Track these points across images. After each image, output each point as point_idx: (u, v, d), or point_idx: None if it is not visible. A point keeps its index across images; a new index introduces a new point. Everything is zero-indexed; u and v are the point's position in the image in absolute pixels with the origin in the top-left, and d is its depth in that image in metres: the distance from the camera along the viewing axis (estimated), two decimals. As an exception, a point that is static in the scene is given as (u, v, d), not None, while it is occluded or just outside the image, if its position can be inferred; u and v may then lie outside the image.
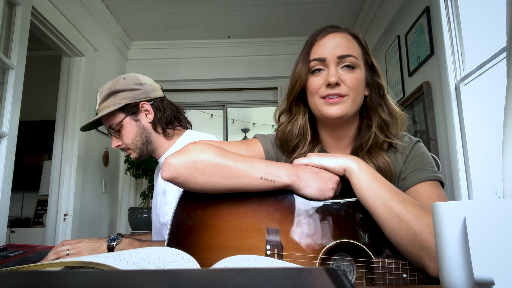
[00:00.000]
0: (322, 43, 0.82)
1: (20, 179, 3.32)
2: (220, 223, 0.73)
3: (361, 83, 0.81)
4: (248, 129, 6.27)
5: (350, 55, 0.80)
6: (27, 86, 2.18)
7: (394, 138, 0.84)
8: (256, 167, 0.73)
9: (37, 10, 2.21)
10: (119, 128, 1.29)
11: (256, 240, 0.70)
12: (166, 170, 0.74)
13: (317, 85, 0.81)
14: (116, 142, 1.31)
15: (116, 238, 1.13)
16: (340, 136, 0.87)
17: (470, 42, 2.01)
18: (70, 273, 0.24)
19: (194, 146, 0.76)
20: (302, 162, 0.76)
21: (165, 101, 1.36)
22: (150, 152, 1.33)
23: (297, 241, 0.69)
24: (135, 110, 1.29)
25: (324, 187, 0.71)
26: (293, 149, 0.88)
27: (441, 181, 0.78)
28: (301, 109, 0.88)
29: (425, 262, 0.62)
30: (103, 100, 1.29)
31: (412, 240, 0.63)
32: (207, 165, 0.73)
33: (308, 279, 0.24)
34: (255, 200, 0.74)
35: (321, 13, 3.25)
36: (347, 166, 0.72)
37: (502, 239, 0.40)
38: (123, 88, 1.28)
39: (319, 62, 0.81)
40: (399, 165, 0.82)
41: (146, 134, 1.30)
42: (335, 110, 0.79)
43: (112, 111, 1.26)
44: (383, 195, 0.67)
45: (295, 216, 0.71)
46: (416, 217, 0.63)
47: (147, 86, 1.32)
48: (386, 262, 0.65)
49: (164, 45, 3.74)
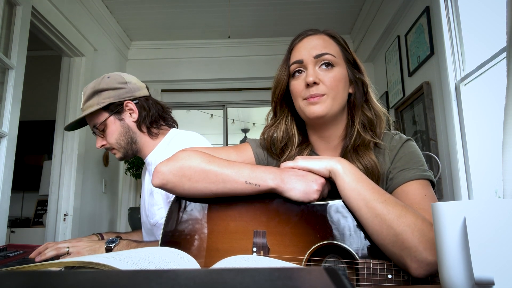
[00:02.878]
0: (299, 47, 0.85)
1: (20, 179, 3.32)
2: (209, 227, 0.75)
3: (340, 81, 0.82)
4: (248, 129, 6.26)
5: (326, 53, 0.81)
6: (27, 86, 2.18)
7: (379, 137, 0.85)
8: (241, 171, 0.74)
9: (37, 10, 2.21)
10: (103, 127, 1.28)
11: (243, 242, 0.71)
12: (155, 177, 0.77)
13: (298, 88, 0.83)
14: (101, 141, 1.31)
15: (114, 240, 1.13)
16: (329, 137, 0.88)
17: (470, 42, 2.01)
18: (70, 273, 0.24)
19: (182, 153, 0.79)
20: (288, 165, 0.76)
21: (150, 100, 1.34)
22: (135, 152, 1.32)
23: (283, 243, 0.70)
24: (119, 109, 1.28)
25: (308, 189, 0.71)
26: (282, 152, 0.89)
27: (431, 179, 0.77)
28: (285, 113, 0.90)
29: (406, 262, 0.62)
30: (87, 99, 1.28)
31: (393, 240, 0.63)
32: (193, 171, 0.75)
33: (308, 279, 0.24)
34: (243, 203, 0.75)
35: (321, 13, 3.25)
36: (332, 168, 0.72)
37: (502, 239, 0.40)
38: (107, 87, 1.27)
39: (298, 64, 0.83)
40: (386, 165, 0.82)
41: (131, 134, 1.29)
42: (315, 109, 0.80)
43: (96, 110, 1.25)
44: (365, 195, 0.67)
45: (281, 219, 0.72)
46: (398, 217, 0.63)
47: (131, 85, 1.31)
48: (371, 263, 0.65)
49: (164, 45, 3.74)
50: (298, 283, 0.23)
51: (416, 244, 0.61)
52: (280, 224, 0.72)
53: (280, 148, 0.89)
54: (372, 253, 0.67)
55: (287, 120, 0.90)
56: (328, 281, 0.24)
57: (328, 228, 0.70)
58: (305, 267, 0.27)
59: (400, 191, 0.76)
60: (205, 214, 0.76)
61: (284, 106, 0.90)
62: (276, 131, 0.90)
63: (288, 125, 0.89)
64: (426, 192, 0.74)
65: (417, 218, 0.63)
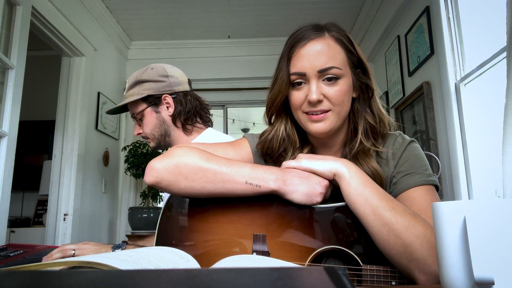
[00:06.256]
0: (301, 55, 0.76)
1: (20, 179, 3.31)
2: (206, 230, 0.71)
3: (345, 94, 0.77)
4: (248, 129, 6.26)
5: (332, 67, 0.74)
6: (27, 86, 2.18)
7: (380, 145, 0.81)
8: (242, 171, 0.70)
9: (37, 10, 2.21)
10: (140, 117, 1.33)
11: (243, 246, 0.69)
12: (149, 174, 0.73)
13: (299, 101, 0.77)
14: (138, 130, 1.36)
15: (121, 245, 1.14)
16: (330, 144, 0.85)
17: (470, 42, 2.01)
18: (70, 273, 0.24)
19: (178, 149, 0.74)
20: (291, 165, 0.73)
21: (188, 95, 1.36)
22: (167, 144, 1.35)
23: (284, 247, 0.68)
24: (157, 102, 1.31)
25: (312, 192, 0.69)
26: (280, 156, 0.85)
27: (436, 185, 0.75)
28: (282, 118, 0.85)
29: (414, 274, 0.60)
30: (129, 88, 1.33)
31: (401, 251, 0.61)
32: (190, 169, 0.70)
33: (308, 279, 0.24)
34: (241, 205, 0.72)
35: (321, 13, 3.25)
36: (337, 171, 0.69)
37: (502, 239, 0.40)
38: (148, 78, 1.31)
39: (299, 76, 0.76)
40: (390, 169, 0.79)
41: (165, 127, 1.32)
42: (319, 127, 0.76)
43: (135, 100, 1.30)
44: (373, 202, 0.64)
45: (282, 222, 0.69)
46: (407, 227, 0.61)
47: (173, 79, 1.34)
48: (374, 269, 0.64)
49: (164, 45, 3.74)
50: (298, 283, 0.23)
51: (425, 256, 0.59)
52: (281, 227, 0.69)
53: (278, 153, 0.84)
54: (376, 259, 0.65)
55: (287, 125, 0.84)
56: (328, 281, 0.24)
57: (331, 232, 0.67)
58: (305, 267, 0.27)
59: (405, 197, 0.73)
60: (202, 216, 0.72)
61: (281, 111, 0.84)
62: (273, 141, 0.84)
63: (289, 130, 0.84)
64: (432, 198, 0.72)
65: (427, 229, 0.61)
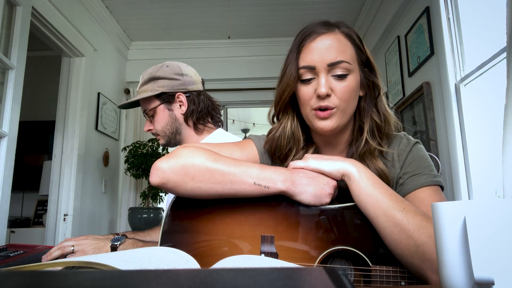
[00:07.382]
0: (311, 49, 0.76)
1: (20, 179, 3.31)
2: (212, 231, 0.70)
3: (353, 91, 0.77)
4: (248, 129, 6.26)
5: (341, 61, 0.74)
6: (27, 86, 2.18)
7: (385, 145, 0.81)
8: (250, 172, 0.69)
9: (37, 10, 2.21)
10: (152, 113, 1.33)
11: (250, 248, 0.68)
12: (154, 175, 0.71)
13: (308, 96, 0.77)
14: (148, 126, 1.36)
15: (120, 238, 1.13)
16: (335, 143, 0.85)
17: (470, 42, 2.01)
18: (70, 273, 0.24)
19: (184, 149, 0.73)
20: (298, 165, 0.72)
21: (202, 95, 1.37)
22: (177, 142, 1.36)
23: (292, 248, 0.67)
24: (170, 100, 1.32)
25: (320, 192, 0.68)
26: (286, 155, 0.85)
27: (441, 185, 0.76)
28: (289, 115, 0.84)
29: (427, 274, 0.60)
30: (143, 84, 1.33)
31: (413, 251, 0.61)
32: (197, 169, 0.69)
33: (308, 279, 0.24)
34: (248, 206, 0.71)
35: (321, 13, 3.24)
36: (346, 171, 0.69)
37: (502, 239, 0.40)
38: (163, 75, 1.31)
39: (308, 70, 0.76)
40: (396, 171, 0.79)
41: (177, 125, 1.33)
42: (324, 125, 0.76)
43: (149, 96, 1.30)
44: (383, 202, 0.64)
45: (290, 223, 0.69)
46: (418, 227, 0.61)
47: (187, 78, 1.34)
48: (384, 270, 0.63)
49: (164, 45, 3.74)
50: (298, 283, 0.23)
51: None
52: (289, 228, 0.68)
53: (285, 152, 0.84)
54: (385, 259, 0.65)
55: (293, 123, 0.84)
56: (328, 281, 0.24)
57: (340, 233, 0.67)
58: (305, 267, 0.27)
59: (413, 197, 0.73)
60: (209, 217, 0.71)
61: (289, 107, 0.83)
62: (281, 137, 0.83)
63: (295, 128, 0.84)
64: (439, 198, 0.73)
65: None
